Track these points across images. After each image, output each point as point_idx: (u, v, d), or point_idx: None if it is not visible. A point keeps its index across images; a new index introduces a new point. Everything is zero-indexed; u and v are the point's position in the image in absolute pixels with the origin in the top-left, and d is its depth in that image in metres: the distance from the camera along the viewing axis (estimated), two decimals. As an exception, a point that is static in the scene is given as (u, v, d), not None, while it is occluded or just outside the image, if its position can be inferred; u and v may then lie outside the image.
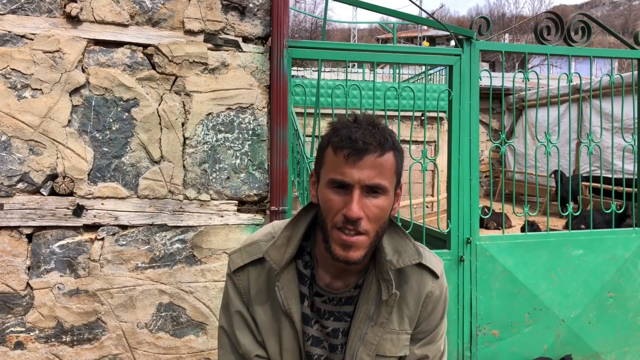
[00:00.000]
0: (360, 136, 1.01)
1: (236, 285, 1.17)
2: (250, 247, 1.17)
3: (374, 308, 1.13)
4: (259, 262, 1.15)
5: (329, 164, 1.05)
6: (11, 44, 2.19)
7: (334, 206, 1.03)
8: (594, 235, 3.07)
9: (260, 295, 1.15)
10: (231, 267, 1.18)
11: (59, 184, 2.25)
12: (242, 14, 2.42)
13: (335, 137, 1.04)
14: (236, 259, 1.18)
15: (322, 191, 1.06)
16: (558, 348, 3.00)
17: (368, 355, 1.13)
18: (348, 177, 1.01)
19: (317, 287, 1.15)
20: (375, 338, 1.13)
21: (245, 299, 1.16)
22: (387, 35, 29.57)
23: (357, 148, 1.01)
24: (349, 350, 1.13)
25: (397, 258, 1.12)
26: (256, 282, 1.15)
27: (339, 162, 1.02)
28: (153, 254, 2.35)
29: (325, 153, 1.07)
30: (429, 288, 1.16)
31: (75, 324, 2.29)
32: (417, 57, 3.02)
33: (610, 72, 3.19)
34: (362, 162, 1.01)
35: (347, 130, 1.03)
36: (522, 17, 34.67)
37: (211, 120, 2.39)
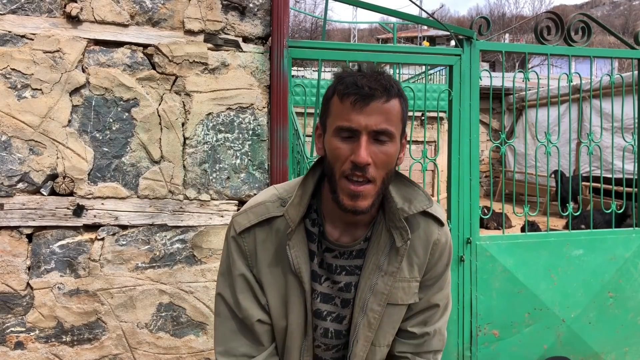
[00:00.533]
0: (366, 82, 1.01)
1: (241, 247, 1.14)
2: (257, 208, 1.15)
3: (384, 258, 1.14)
4: (266, 223, 1.14)
5: (335, 112, 1.04)
6: (11, 44, 2.19)
7: (342, 154, 1.03)
8: (594, 235, 3.07)
9: (267, 255, 1.13)
10: (236, 229, 1.14)
11: (59, 184, 2.25)
12: (242, 14, 2.42)
13: (341, 85, 1.03)
14: (242, 220, 1.14)
15: (329, 140, 1.06)
16: (558, 348, 2.99)
17: (379, 305, 1.14)
18: (355, 123, 1.01)
19: (327, 243, 1.14)
20: (386, 287, 1.13)
21: (250, 261, 1.14)
22: (387, 35, 29.57)
23: (363, 94, 1.00)
24: (358, 301, 1.14)
25: (409, 205, 1.13)
26: (263, 243, 1.14)
27: (346, 109, 1.02)
28: (153, 254, 2.35)
29: (331, 102, 1.06)
30: (436, 235, 1.18)
31: (76, 324, 2.30)
32: (417, 57, 3.02)
33: (611, 72, 3.19)
34: (369, 107, 1.01)
35: (352, 78, 1.03)
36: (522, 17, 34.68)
37: (211, 120, 2.39)
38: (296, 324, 1.15)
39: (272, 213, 1.14)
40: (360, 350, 1.16)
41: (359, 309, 1.14)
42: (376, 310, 1.14)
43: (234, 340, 1.14)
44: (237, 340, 1.14)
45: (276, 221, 1.13)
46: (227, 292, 1.16)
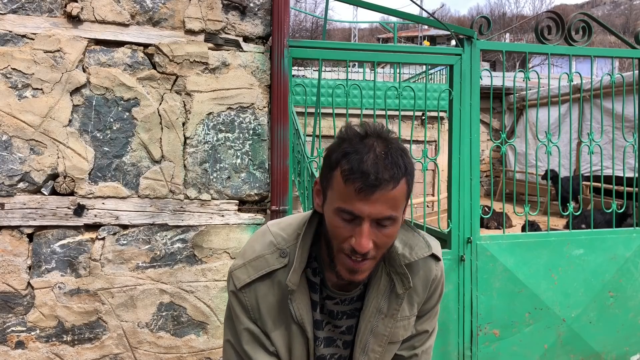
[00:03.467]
0: (372, 168, 0.95)
1: (242, 302, 1.12)
2: (256, 261, 1.12)
3: (384, 301, 1.15)
4: (267, 277, 1.12)
5: (337, 190, 0.99)
6: (12, 43, 2.20)
7: (342, 234, 1.01)
8: (595, 235, 3.07)
9: (270, 308, 1.12)
10: (236, 285, 1.12)
11: (60, 183, 2.25)
12: (242, 14, 2.42)
13: (346, 164, 0.97)
14: (241, 275, 1.12)
15: (330, 215, 1.02)
16: (559, 348, 2.99)
17: (380, 346, 1.16)
18: (358, 211, 0.97)
19: (327, 291, 1.15)
20: (386, 329, 1.15)
21: (253, 314, 1.13)
22: (388, 35, 29.56)
23: (369, 183, 0.95)
24: (359, 343, 1.16)
25: (410, 251, 1.14)
26: (265, 297, 1.12)
27: (349, 194, 0.96)
28: (154, 253, 2.35)
29: (334, 176, 1.00)
30: (434, 272, 1.20)
31: (76, 323, 2.30)
32: (418, 56, 3.02)
33: (611, 71, 3.19)
34: (374, 197, 0.96)
35: (357, 158, 0.96)
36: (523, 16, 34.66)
37: (212, 120, 2.39)
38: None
39: (272, 266, 1.11)
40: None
41: (360, 349, 1.16)
42: (377, 351, 1.17)
43: None
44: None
45: (277, 273, 1.11)
46: (234, 341, 1.16)
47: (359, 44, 3.13)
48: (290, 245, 1.12)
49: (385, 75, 14.98)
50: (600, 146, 3.12)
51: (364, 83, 9.24)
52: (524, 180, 3.22)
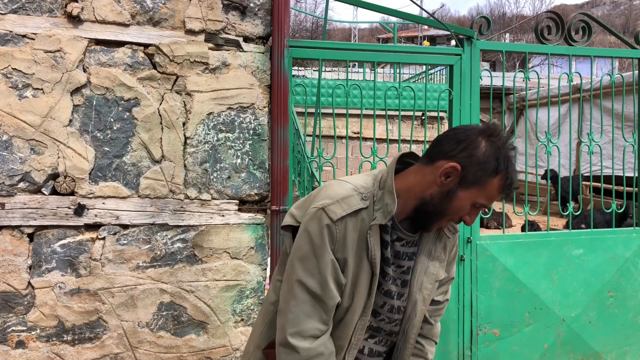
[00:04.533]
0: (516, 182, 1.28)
1: (333, 234, 1.25)
2: (347, 200, 1.28)
3: (432, 246, 1.41)
4: (354, 214, 1.27)
5: (488, 192, 1.27)
6: (12, 43, 2.20)
7: (462, 213, 1.30)
8: (595, 235, 3.07)
9: (352, 242, 1.27)
10: (332, 217, 1.25)
11: (60, 183, 2.26)
12: (242, 14, 2.42)
13: (506, 180, 1.26)
14: (336, 209, 1.26)
15: (464, 201, 1.28)
16: (558, 347, 3.00)
17: (430, 284, 1.40)
18: (488, 203, 1.29)
19: (398, 233, 1.34)
20: (434, 269, 1.41)
21: (337, 246, 1.26)
22: (388, 35, 29.56)
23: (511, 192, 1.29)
24: (416, 282, 1.38)
25: None
26: (351, 232, 1.27)
27: (495, 195, 1.27)
28: (154, 253, 2.35)
29: (491, 182, 1.26)
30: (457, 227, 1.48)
31: (77, 323, 2.30)
32: (418, 56, 3.02)
33: (611, 71, 3.19)
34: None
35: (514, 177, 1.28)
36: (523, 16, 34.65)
37: (212, 120, 2.39)
38: (358, 305, 1.30)
39: (360, 205, 1.28)
40: (417, 322, 1.41)
41: (416, 288, 1.39)
42: (429, 288, 1.40)
43: (306, 323, 1.25)
44: (309, 323, 1.25)
45: (362, 212, 1.28)
46: (308, 278, 1.25)
47: (359, 44, 3.13)
48: (368, 192, 1.30)
49: (385, 75, 14.99)
50: (600, 146, 3.12)
51: (364, 83, 9.25)
52: (524, 180, 3.22)
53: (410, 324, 1.40)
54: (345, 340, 1.32)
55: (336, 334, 1.31)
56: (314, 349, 1.23)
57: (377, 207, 1.28)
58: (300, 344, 1.22)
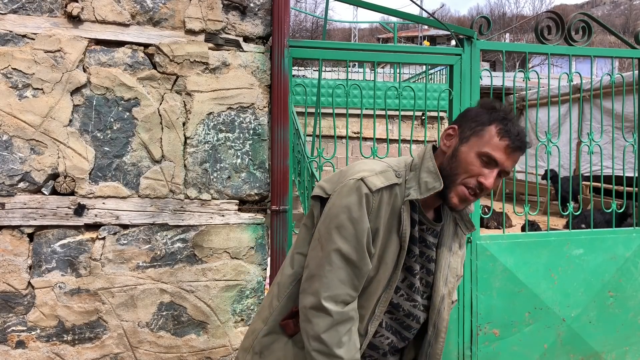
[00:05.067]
0: (521, 135, 1.31)
1: (370, 203, 1.30)
2: (384, 173, 1.34)
3: (451, 241, 1.46)
4: (391, 187, 1.33)
5: (487, 139, 1.30)
6: (12, 43, 2.20)
7: (474, 170, 1.30)
8: (595, 235, 3.07)
9: (385, 214, 1.32)
10: (371, 188, 1.30)
11: (60, 183, 2.26)
12: (243, 14, 2.42)
13: (504, 125, 1.30)
14: (376, 181, 1.32)
15: (469, 155, 1.31)
16: (558, 347, 3.00)
17: (453, 277, 1.45)
18: (500, 159, 1.29)
19: (421, 217, 1.38)
20: (455, 263, 1.46)
21: (370, 216, 1.30)
22: (388, 35, 29.56)
23: (517, 145, 1.30)
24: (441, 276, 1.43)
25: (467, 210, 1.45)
26: (386, 204, 1.32)
27: (500, 145, 1.29)
28: (154, 253, 2.35)
29: (487, 129, 1.31)
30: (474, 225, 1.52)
31: (77, 323, 2.30)
32: (418, 56, 3.02)
33: (611, 71, 3.19)
34: (515, 154, 1.31)
35: (512, 124, 1.31)
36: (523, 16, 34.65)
37: (212, 120, 2.39)
38: (383, 277, 1.35)
39: (396, 180, 1.34)
40: (446, 314, 1.46)
41: (442, 282, 1.43)
42: (452, 282, 1.45)
43: (340, 289, 1.29)
44: (342, 288, 1.29)
45: (396, 187, 1.34)
46: (345, 245, 1.29)
47: (359, 44, 3.13)
48: (400, 170, 1.37)
49: (385, 75, 14.99)
50: (600, 146, 3.12)
51: (364, 83, 9.25)
52: (524, 180, 3.22)
53: (440, 318, 1.44)
54: (368, 310, 1.36)
55: (360, 302, 1.35)
56: (345, 313, 1.28)
57: (410, 185, 1.34)
58: (333, 308, 1.27)
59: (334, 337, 1.26)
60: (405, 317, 1.43)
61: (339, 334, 1.27)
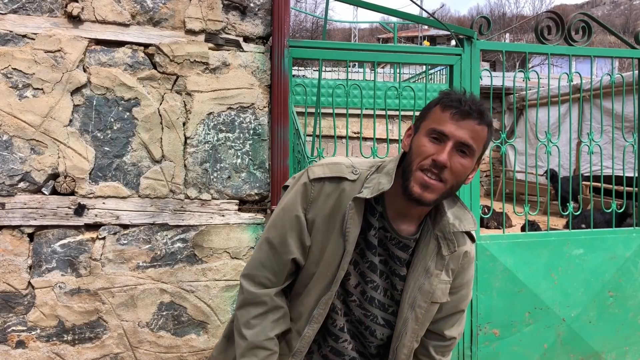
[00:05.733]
0: (467, 101, 1.19)
1: (307, 192, 1.28)
2: (334, 165, 1.30)
3: (431, 262, 1.29)
4: (337, 181, 1.28)
5: (433, 117, 1.21)
6: (12, 43, 2.20)
7: (426, 151, 1.19)
8: (595, 235, 3.07)
9: (326, 208, 1.27)
10: (310, 176, 1.28)
11: (61, 183, 2.26)
12: (243, 14, 2.42)
13: (446, 98, 1.21)
14: (318, 170, 1.29)
15: (419, 138, 1.22)
16: (558, 347, 3.00)
17: (425, 302, 1.30)
18: (447, 130, 1.18)
19: (385, 222, 1.29)
20: (431, 287, 1.29)
21: (308, 206, 1.28)
22: (388, 35, 29.56)
23: (463, 110, 1.18)
24: (407, 298, 1.31)
25: (459, 223, 1.30)
26: (327, 197, 1.27)
27: (444, 117, 1.19)
28: (154, 253, 2.35)
29: (432, 110, 1.23)
30: (467, 248, 1.34)
31: (77, 323, 2.30)
32: (418, 56, 3.02)
33: (611, 71, 3.19)
34: (464, 122, 1.18)
35: (456, 95, 1.21)
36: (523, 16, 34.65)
37: (212, 120, 2.39)
38: (323, 275, 1.28)
39: (345, 175, 1.28)
40: (408, 341, 1.33)
41: (408, 305, 1.31)
42: (423, 307, 1.30)
43: (259, 270, 1.30)
44: (261, 270, 1.30)
45: (344, 182, 1.28)
46: (272, 229, 1.31)
47: (359, 44, 3.13)
48: (362, 169, 1.30)
49: (385, 75, 14.98)
50: (600, 146, 3.12)
51: (364, 83, 9.24)
52: (524, 180, 3.22)
53: (401, 343, 1.32)
54: (306, 308, 1.30)
55: (299, 299, 1.32)
56: (257, 295, 1.28)
57: (368, 185, 1.26)
58: (247, 286, 1.30)
59: (244, 316, 1.29)
60: (359, 325, 1.36)
61: (249, 314, 1.28)
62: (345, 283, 1.31)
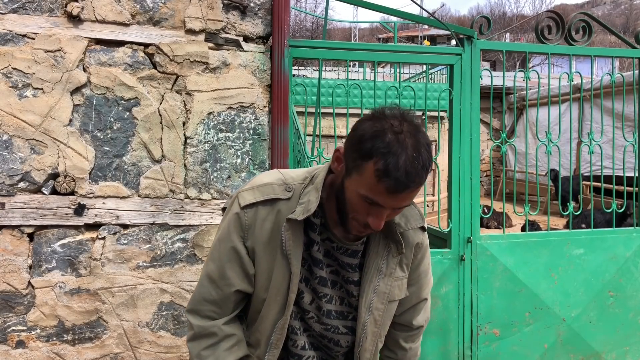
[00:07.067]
0: (404, 174, 1.01)
1: (241, 220, 1.22)
2: (264, 187, 1.24)
3: (383, 262, 1.27)
4: (270, 203, 1.22)
5: (367, 181, 1.05)
6: (12, 43, 2.20)
7: (360, 211, 1.11)
8: (595, 235, 3.07)
9: (264, 233, 1.22)
10: (241, 203, 1.22)
11: (61, 183, 2.26)
12: (243, 13, 2.42)
13: (381, 165, 1.01)
14: (248, 196, 1.23)
15: (352, 193, 1.10)
16: (559, 347, 3.00)
17: (382, 304, 1.28)
18: (383, 203, 1.07)
19: (329, 234, 1.24)
20: (386, 287, 1.28)
21: (246, 234, 1.22)
22: (388, 35, 29.56)
23: (399, 187, 1.02)
24: (364, 302, 1.27)
25: (405, 222, 1.29)
26: (263, 221, 1.22)
27: (379, 189, 1.03)
28: (154, 253, 2.35)
29: (365, 167, 1.04)
30: (419, 239, 1.33)
31: (77, 322, 2.30)
32: (418, 56, 3.02)
33: (611, 71, 3.19)
34: (401, 195, 1.05)
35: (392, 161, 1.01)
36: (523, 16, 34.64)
37: (212, 120, 2.39)
38: (274, 300, 1.24)
39: (277, 195, 1.22)
40: (370, 345, 1.31)
41: (365, 309, 1.28)
42: (380, 309, 1.28)
43: (202, 305, 1.26)
44: (205, 305, 1.26)
45: (279, 203, 1.22)
46: (211, 263, 1.26)
47: (359, 44, 3.13)
48: (296, 184, 1.23)
49: (385, 75, 14.98)
50: (600, 146, 3.12)
51: (364, 83, 9.24)
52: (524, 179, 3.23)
53: (362, 348, 1.30)
54: (263, 334, 1.27)
55: (255, 325, 1.29)
56: (205, 328, 1.25)
57: (302, 201, 1.19)
58: (194, 321, 1.27)
59: (195, 348, 1.26)
60: (321, 338, 1.33)
61: (199, 346, 1.25)
62: (300, 302, 1.28)
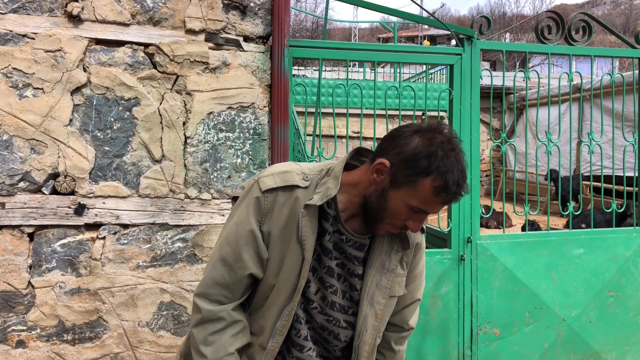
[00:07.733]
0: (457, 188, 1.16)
1: (261, 204, 1.25)
2: (284, 174, 1.27)
3: (387, 258, 1.32)
4: (289, 189, 1.25)
5: (421, 195, 1.16)
6: (12, 43, 2.20)
7: (401, 217, 1.21)
8: (595, 235, 3.07)
9: (281, 218, 1.25)
10: (262, 187, 1.25)
11: (61, 183, 2.26)
12: (243, 13, 2.42)
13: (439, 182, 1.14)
14: (269, 181, 1.26)
15: (398, 203, 1.19)
16: (559, 347, 3.00)
17: (383, 298, 1.32)
18: (431, 210, 1.20)
19: (339, 226, 1.28)
20: (388, 283, 1.33)
21: (263, 218, 1.25)
22: (388, 35, 29.56)
23: (454, 198, 1.17)
24: (366, 295, 1.31)
25: None
26: (281, 206, 1.25)
27: (433, 201, 1.17)
28: (154, 252, 2.35)
29: (420, 182, 1.16)
30: (418, 239, 1.39)
31: (77, 322, 2.30)
32: (418, 56, 3.02)
33: (611, 71, 3.19)
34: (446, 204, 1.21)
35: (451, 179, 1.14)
36: (523, 16, 34.63)
37: (212, 120, 2.39)
38: (284, 286, 1.26)
39: (297, 182, 1.26)
40: (369, 338, 1.34)
41: (367, 302, 1.31)
42: (381, 303, 1.32)
43: (213, 288, 1.27)
44: (216, 288, 1.27)
45: (297, 190, 1.25)
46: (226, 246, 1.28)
47: (359, 44, 3.13)
48: (313, 175, 1.28)
49: (385, 75, 14.99)
50: (600, 146, 3.12)
51: (364, 83, 9.25)
52: (524, 179, 3.22)
53: (362, 341, 1.33)
54: (269, 321, 1.28)
55: (260, 312, 1.30)
56: (214, 312, 1.26)
57: (319, 190, 1.24)
58: (203, 305, 1.27)
59: (201, 334, 1.26)
60: (322, 331, 1.35)
61: (206, 331, 1.26)
62: (306, 291, 1.30)
